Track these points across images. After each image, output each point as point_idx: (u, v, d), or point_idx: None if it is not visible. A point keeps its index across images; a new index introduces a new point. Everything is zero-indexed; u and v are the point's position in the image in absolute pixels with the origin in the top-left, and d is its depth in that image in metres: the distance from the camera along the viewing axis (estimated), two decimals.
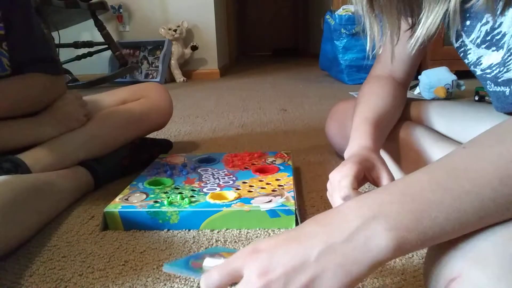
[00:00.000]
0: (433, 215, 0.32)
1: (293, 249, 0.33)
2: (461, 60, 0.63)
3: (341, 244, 0.33)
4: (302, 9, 5.55)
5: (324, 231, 0.34)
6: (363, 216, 0.33)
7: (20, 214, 0.61)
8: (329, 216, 0.36)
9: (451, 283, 0.31)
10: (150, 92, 1.03)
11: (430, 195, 0.33)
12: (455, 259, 0.32)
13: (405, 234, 0.32)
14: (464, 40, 0.58)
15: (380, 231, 0.32)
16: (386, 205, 0.33)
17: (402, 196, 0.34)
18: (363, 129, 0.64)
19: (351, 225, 0.33)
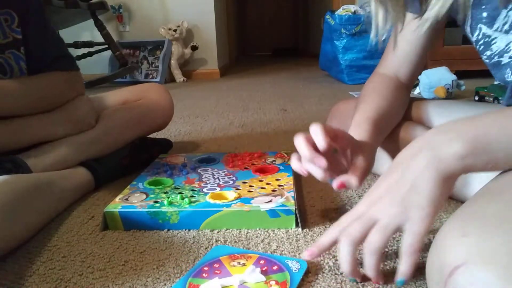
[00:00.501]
0: (499, 137, 0.39)
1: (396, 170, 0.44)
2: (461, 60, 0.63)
3: (426, 152, 0.41)
4: (302, 9, 5.55)
5: (410, 151, 0.44)
6: (439, 131, 0.43)
7: (21, 213, 0.61)
8: (418, 139, 0.44)
9: (455, 271, 0.31)
10: (151, 92, 1.03)
11: (499, 122, 0.40)
12: (462, 247, 0.32)
13: (474, 146, 0.39)
14: (486, 32, 0.57)
15: (454, 138, 0.40)
16: (459, 124, 0.42)
17: (474, 120, 0.42)
18: (362, 128, 0.65)
19: (432, 138, 0.42)
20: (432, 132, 0.44)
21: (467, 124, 0.42)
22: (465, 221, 0.35)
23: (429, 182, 0.40)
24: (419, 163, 0.42)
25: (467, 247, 0.32)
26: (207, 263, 0.53)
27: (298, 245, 0.59)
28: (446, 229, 0.36)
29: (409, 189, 0.41)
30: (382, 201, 0.44)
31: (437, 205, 0.41)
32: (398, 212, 0.42)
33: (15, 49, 0.79)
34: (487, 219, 0.34)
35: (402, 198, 0.42)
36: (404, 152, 0.45)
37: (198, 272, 0.51)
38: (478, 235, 0.32)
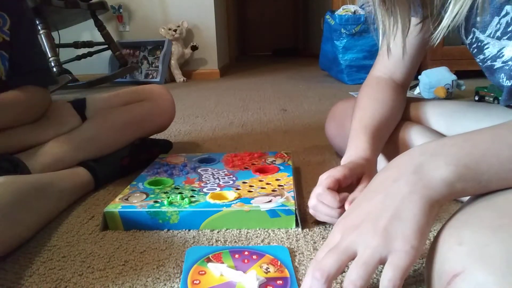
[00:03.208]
0: (490, 161, 0.36)
1: (375, 195, 0.39)
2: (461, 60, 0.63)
3: (410, 175, 0.37)
4: (302, 9, 5.55)
5: (393, 172, 0.40)
6: (426, 153, 0.38)
7: (20, 214, 0.61)
8: (398, 160, 0.41)
9: (454, 279, 0.31)
10: (153, 94, 1.03)
11: (490, 145, 0.37)
12: (460, 254, 0.32)
13: (464, 171, 0.36)
14: (478, 36, 0.57)
15: (442, 164, 0.37)
16: (448, 146, 0.38)
17: (463, 141, 0.38)
18: (361, 138, 0.64)
19: (416, 160, 0.38)
20: (416, 152, 0.40)
21: (456, 147, 0.38)
22: (460, 229, 0.35)
23: (415, 210, 0.36)
24: (402, 188, 0.37)
25: (464, 255, 0.32)
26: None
27: (298, 245, 0.59)
28: (442, 237, 0.35)
29: (392, 217, 0.36)
30: (361, 230, 0.37)
31: (423, 235, 0.35)
32: (380, 243, 0.35)
33: (3, 50, 0.80)
34: (482, 227, 0.33)
35: (384, 227, 0.36)
36: (384, 175, 0.41)
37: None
38: (474, 243, 0.32)
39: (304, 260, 0.55)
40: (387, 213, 0.37)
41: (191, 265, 0.53)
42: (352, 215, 0.40)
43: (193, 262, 0.53)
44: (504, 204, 0.35)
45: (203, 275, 0.50)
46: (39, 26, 2.19)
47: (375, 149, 0.63)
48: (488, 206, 0.37)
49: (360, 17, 2.37)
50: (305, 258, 0.56)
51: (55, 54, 2.24)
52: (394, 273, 0.34)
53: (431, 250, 0.36)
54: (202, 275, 0.50)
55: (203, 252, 0.56)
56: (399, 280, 0.34)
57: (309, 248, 0.58)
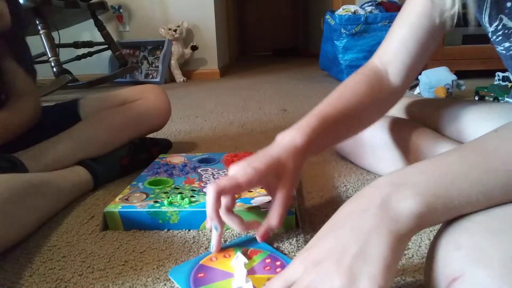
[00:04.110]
0: (460, 185, 0.35)
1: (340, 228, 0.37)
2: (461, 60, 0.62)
3: (377, 208, 0.35)
4: (302, 9, 5.55)
5: (360, 203, 0.37)
6: (393, 184, 0.36)
7: (17, 211, 0.61)
8: (366, 190, 0.39)
9: (453, 283, 0.31)
10: (149, 93, 1.04)
11: (457, 168, 0.36)
12: (458, 258, 0.32)
13: (433, 200, 0.34)
14: (506, 23, 0.55)
15: (410, 195, 0.35)
16: (415, 174, 0.37)
17: (430, 167, 0.37)
18: (308, 122, 0.57)
19: (383, 192, 0.36)
20: (383, 184, 0.37)
21: (424, 175, 0.36)
22: (457, 234, 0.34)
23: (382, 246, 0.33)
24: (369, 222, 0.35)
25: (463, 259, 0.32)
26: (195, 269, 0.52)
27: (298, 245, 0.59)
28: (439, 243, 0.35)
29: (357, 255, 0.34)
30: (322, 266, 0.35)
31: (391, 273, 0.33)
32: (344, 284, 0.33)
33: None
34: (479, 230, 0.33)
35: (349, 266, 0.33)
36: (351, 205, 0.38)
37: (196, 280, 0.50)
38: (471, 246, 0.32)
39: None
40: (352, 250, 0.34)
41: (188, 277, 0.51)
42: (315, 248, 0.37)
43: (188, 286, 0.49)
44: (500, 209, 0.35)
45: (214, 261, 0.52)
46: (39, 26, 2.18)
47: (316, 135, 0.56)
48: (483, 211, 0.36)
49: (360, 17, 2.37)
50: None
51: (55, 54, 2.24)
52: None
53: (428, 256, 0.36)
54: (214, 261, 0.53)
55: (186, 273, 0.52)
56: None
57: None
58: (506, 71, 1.60)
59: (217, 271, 0.51)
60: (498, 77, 1.69)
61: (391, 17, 2.37)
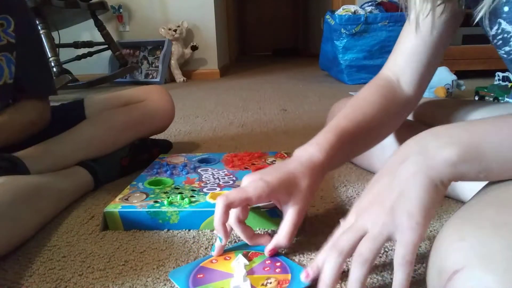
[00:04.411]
0: (491, 139, 0.38)
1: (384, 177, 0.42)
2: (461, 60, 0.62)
3: (415, 156, 0.39)
4: (302, 9, 5.55)
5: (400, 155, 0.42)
6: (431, 134, 0.40)
7: (20, 213, 0.61)
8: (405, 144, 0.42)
9: (454, 275, 0.31)
10: (153, 94, 1.03)
11: (491, 125, 0.39)
12: (460, 251, 0.32)
13: (466, 150, 0.38)
14: (505, 27, 0.55)
15: (445, 145, 0.38)
16: (453, 128, 0.40)
17: (466, 124, 0.40)
18: (325, 136, 0.57)
19: (421, 142, 0.40)
20: (422, 135, 0.41)
21: (461, 130, 0.40)
22: (462, 225, 0.35)
23: (419, 189, 0.38)
24: (408, 169, 0.39)
25: (465, 252, 0.32)
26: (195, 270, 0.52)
27: (298, 245, 0.59)
28: (444, 234, 0.36)
29: (398, 197, 0.39)
30: (370, 210, 0.41)
31: (428, 213, 0.38)
32: (387, 221, 0.39)
33: (9, 52, 0.80)
34: (483, 224, 0.33)
35: (391, 206, 0.39)
36: (393, 158, 0.43)
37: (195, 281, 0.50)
38: (475, 240, 0.32)
39: (304, 260, 0.55)
40: (393, 193, 0.39)
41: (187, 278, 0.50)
42: (364, 198, 0.44)
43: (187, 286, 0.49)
44: (507, 202, 0.36)
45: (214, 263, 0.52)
46: (39, 26, 2.19)
47: (334, 155, 0.56)
48: (491, 203, 0.37)
49: (360, 17, 2.37)
50: (305, 258, 0.56)
51: (55, 54, 2.24)
52: (405, 249, 0.37)
53: (433, 246, 0.36)
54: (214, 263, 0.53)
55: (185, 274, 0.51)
56: (411, 255, 0.37)
57: (309, 248, 0.58)
58: (506, 71, 1.60)
59: (216, 272, 0.51)
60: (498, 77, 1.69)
61: (391, 17, 2.37)
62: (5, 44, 0.78)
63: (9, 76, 0.80)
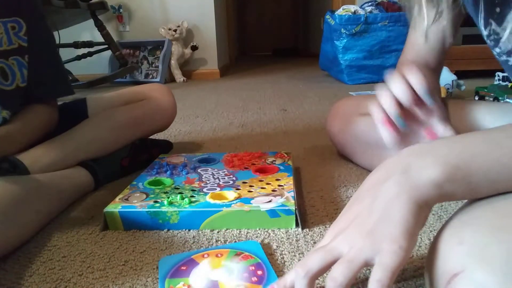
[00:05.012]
0: (480, 161, 0.36)
1: (364, 198, 0.39)
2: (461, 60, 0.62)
3: (398, 176, 0.37)
4: (302, 9, 5.55)
5: (382, 174, 0.39)
6: (414, 154, 0.38)
7: (20, 214, 0.61)
8: (388, 161, 0.40)
9: (453, 278, 0.31)
10: (154, 93, 1.03)
11: (480, 145, 0.37)
12: (460, 254, 0.32)
13: (453, 171, 0.35)
14: (495, 28, 0.56)
15: (430, 164, 0.36)
16: (438, 146, 0.38)
17: (453, 142, 0.38)
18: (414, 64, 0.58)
19: (404, 161, 0.38)
20: (405, 153, 0.39)
21: (446, 148, 0.37)
22: (460, 228, 0.35)
23: (403, 211, 0.35)
24: (391, 189, 0.37)
25: (464, 254, 0.32)
26: (183, 261, 0.54)
27: (298, 245, 0.59)
28: (442, 237, 0.35)
29: (380, 219, 0.36)
30: (347, 232, 0.38)
31: (412, 236, 0.35)
32: (366, 245, 0.35)
33: (20, 56, 0.79)
34: (482, 227, 0.33)
35: (371, 230, 0.36)
36: (373, 176, 0.40)
37: (175, 272, 0.52)
38: (474, 243, 0.32)
39: None
40: (375, 216, 0.36)
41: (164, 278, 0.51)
42: (341, 219, 0.40)
43: (164, 276, 0.51)
44: (505, 205, 0.35)
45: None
46: None
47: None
48: (489, 206, 0.37)
49: (360, 17, 2.37)
50: None
51: None
52: (383, 273, 0.33)
53: (431, 250, 0.36)
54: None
55: (172, 263, 0.54)
56: (388, 280, 0.33)
57: (309, 248, 0.58)
58: None
59: (200, 267, 0.52)
60: (498, 77, 1.69)
61: (391, 17, 2.37)
62: (16, 47, 0.78)
63: (21, 79, 0.79)
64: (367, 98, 0.94)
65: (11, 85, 0.77)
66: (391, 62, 2.39)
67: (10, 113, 0.78)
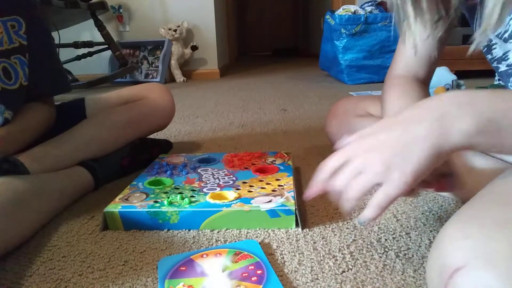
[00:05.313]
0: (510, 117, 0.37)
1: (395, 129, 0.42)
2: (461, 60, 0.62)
3: (432, 122, 0.40)
4: (302, 9, 5.55)
5: (420, 113, 0.42)
6: (454, 103, 0.40)
7: (20, 213, 0.61)
8: (429, 102, 0.42)
9: (456, 273, 0.31)
10: (152, 92, 1.03)
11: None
12: (463, 249, 0.32)
13: (485, 124, 0.38)
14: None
15: (465, 117, 0.38)
16: (476, 97, 0.40)
17: (493, 96, 0.40)
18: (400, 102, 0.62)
19: (443, 109, 0.40)
20: (445, 99, 0.41)
21: (485, 100, 0.39)
22: (465, 223, 0.35)
23: (421, 153, 0.39)
24: (420, 131, 0.40)
25: (468, 250, 0.32)
26: (182, 262, 0.54)
27: (298, 245, 0.59)
28: (446, 231, 0.36)
29: (400, 153, 0.41)
30: (371, 155, 0.43)
31: (419, 176, 0.40)
32: (381, 171, 0.41)
33: (21, 54, 0.79)
34: (488, 222, 0.34)
35: (389, 159, 0.41)
36: (413, 111, 0.43)
37: (175, 272, 0.52)
38: (478, 238, 0.32)
39: (304, 260, 0.55)
40: (397, 148, 0.41)
41: (163, 278, 0.51)
42: (369, 138, 0.45)
43: (164, 277, 0.51)
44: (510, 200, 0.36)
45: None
46: None
47: None
48: (493, 201, 0.37)
49: (360, 17, 2.37)
50: (305, 258, 0.56)
51: None
52: (384, 197, 0.41)
53: (435, 244, 0.36)
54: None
55: (171, 264, 0.54)
56: (386, 204, 0.41)
57: (309, 248, 0.58)
58: None
59: (198, 267, 0.52)
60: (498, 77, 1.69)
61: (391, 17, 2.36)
62: (17, 46, 0.78)
63: (24, 78, 0.79)
64: (366, 98, 0.95)
65: (15, 84, 0.77)
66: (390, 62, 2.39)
67: (12, 113, 0.78)
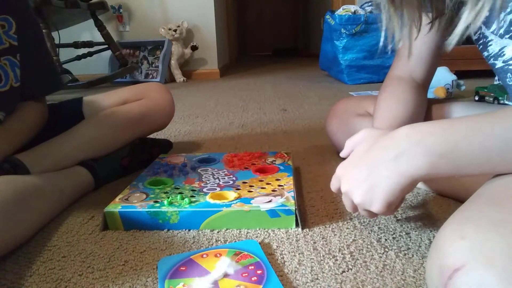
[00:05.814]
0: (464, 149, 0.41)
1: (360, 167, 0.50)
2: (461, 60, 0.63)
3: (390, 163, 0.46)
4: (302, 9, 5.55)
5: (383, 149, 0.48)
6: (410, 142, 0.45)
7: (20, 213, 0.61)
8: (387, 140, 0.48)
9: (455, 273, 0.31)
10: (152, 92, 1.03)
11: (465, 133, 0.42)
12: (461, 250, 0.32)
13: (438, 160, 0.43)
14: (484, 32, 0.56)
15: (419, 154, 0.44)
16: (427, 135, 0.44)
17: (442, 130, 0.44)
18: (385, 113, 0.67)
19: (401, 147, 0.45)
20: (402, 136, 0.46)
21: (437, 137, 0.43)
22: (463, 223, 0.35)
23: (386, 190, 0.47)
24: (381, 171, 0.47)
25: (466, 250, 0.32)
26: (182, 262, 0.54)
27: (298, 245, 0.59)
28: (445, 232, 0.36)
29: (370, 190, 0.49)
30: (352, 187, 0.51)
31: (391, 205, 0.48)
32: (365, 199, 0.50)
33: (12, 55, 0.78)
34: (484, 222, 0.34)
35: (364, 196, 0.49)
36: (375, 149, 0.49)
37: (175, 272, 0.52)
38: (476, 238, 0.32)
39: (304, 260, 0.55)
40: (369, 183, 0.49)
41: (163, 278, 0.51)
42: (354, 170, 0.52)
43: (164, 277, 0.51)
44: (506, 200, 0.36)
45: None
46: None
47: None
48: (490, 201, 0.37)
49: (360, 17, 2.37)
50: (305, 258, 0.56)
51: (55, 54, 2.24)
52: (363, 213, 0.53)
53: (433, 245, 0.37)
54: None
55: (171, 264, 0.54)
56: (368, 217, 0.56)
57: (309, 248, 0.58)
58: None
59: (199, 267, 0.52)
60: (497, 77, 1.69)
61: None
62: (7, 47, 0.76)
63: (14, 79, 0.78)
64: (366, 98, 0.95)
65: (5, 86, 0.76)
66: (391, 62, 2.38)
67: (4, 114, 0.78)
